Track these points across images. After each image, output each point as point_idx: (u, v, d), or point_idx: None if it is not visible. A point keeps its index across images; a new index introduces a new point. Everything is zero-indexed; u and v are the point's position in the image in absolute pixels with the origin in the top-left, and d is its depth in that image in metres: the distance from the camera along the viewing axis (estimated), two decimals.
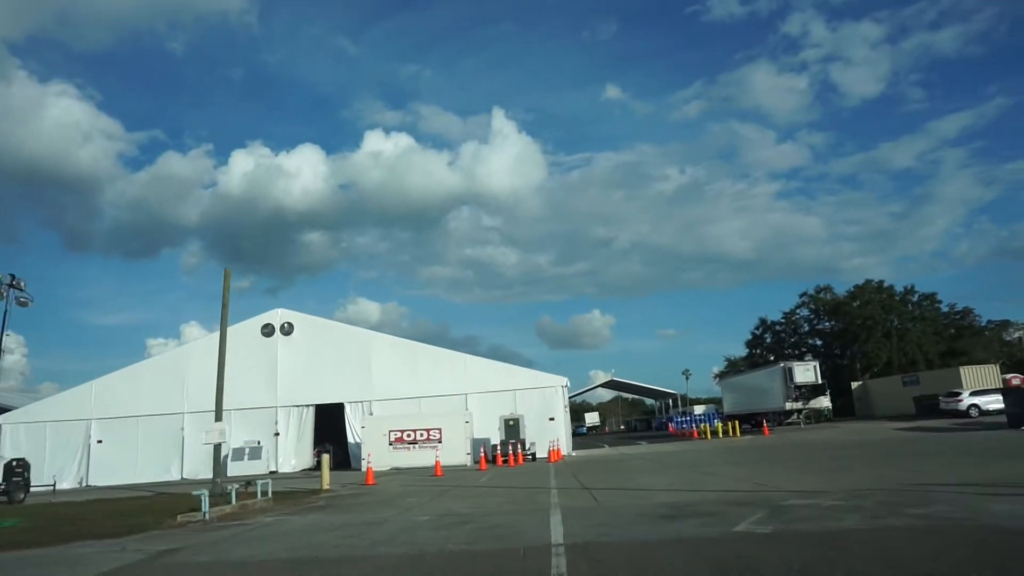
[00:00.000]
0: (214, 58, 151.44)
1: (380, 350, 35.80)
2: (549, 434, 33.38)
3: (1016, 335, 63.08)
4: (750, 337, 74.19)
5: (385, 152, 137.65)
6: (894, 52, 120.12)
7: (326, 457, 18.81)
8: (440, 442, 30.33)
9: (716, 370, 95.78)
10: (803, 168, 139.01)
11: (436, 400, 34.44)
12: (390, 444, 30.48)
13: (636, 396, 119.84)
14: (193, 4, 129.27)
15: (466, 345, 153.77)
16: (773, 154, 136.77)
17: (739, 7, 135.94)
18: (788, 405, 39.66)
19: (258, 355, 35.96)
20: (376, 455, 30.31)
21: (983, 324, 64.58)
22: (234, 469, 33.10)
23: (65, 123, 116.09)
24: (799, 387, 39.48)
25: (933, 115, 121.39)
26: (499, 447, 29.64)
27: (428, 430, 30.47)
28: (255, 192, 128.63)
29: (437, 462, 24.04)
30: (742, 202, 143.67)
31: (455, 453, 29.87)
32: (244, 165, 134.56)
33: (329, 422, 36.53)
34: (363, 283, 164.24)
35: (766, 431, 38.11)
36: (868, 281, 65.17)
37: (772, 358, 65.87)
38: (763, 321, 72.41)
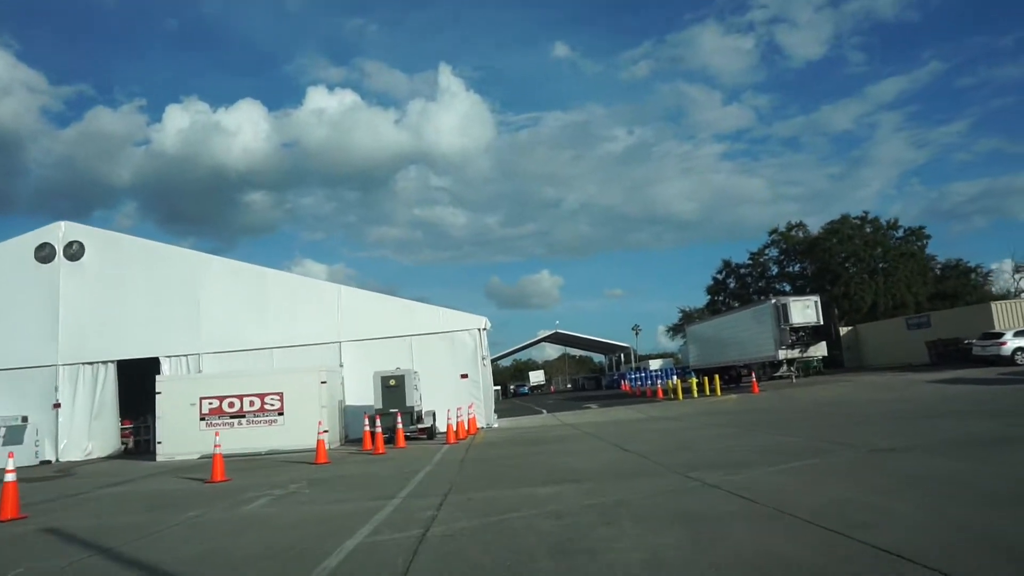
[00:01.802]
0: (146, 7, 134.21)
1: (215, 281, 24.13)
2: (461, 398, 22.79)
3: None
4: (711, 282, 64.72)
5: (329, 109, 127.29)
6: (836, 15, 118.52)
7: None
8: (281, 413, 19.20)
9: (665, 327, 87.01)
10: (748, 130, 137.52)
11: (298, 352, 23.23)
12: (202, 418, 19.16)
13: (584, 353, 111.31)
14: None
15: None
16: (719, 115, 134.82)
17: None
18: (782, 354, 29.69)
19: (31, 290, 23.82)
20: (181, 435, 19.17)
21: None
22: None
23: None
24: (796, 330, 29.51)
25: (871, 79, 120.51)
26: (370, 422, 18.68)
27: (262, 396, 19.21)
28: (193, 150, 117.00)
29: (216, 457, 12.81)
30: (688, 163, 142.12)
31: (304, 429, 18.78)
32: (180, 121, 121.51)
33: (146, 386, 24.87)
34: (309, 245, 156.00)
35: (755, 387, 28.18)
36: (846, 216, 55.98)
37: (736, 304, 56.61)
38: (727, 264, 62.84)
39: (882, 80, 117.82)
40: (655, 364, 63.15)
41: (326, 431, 19.22)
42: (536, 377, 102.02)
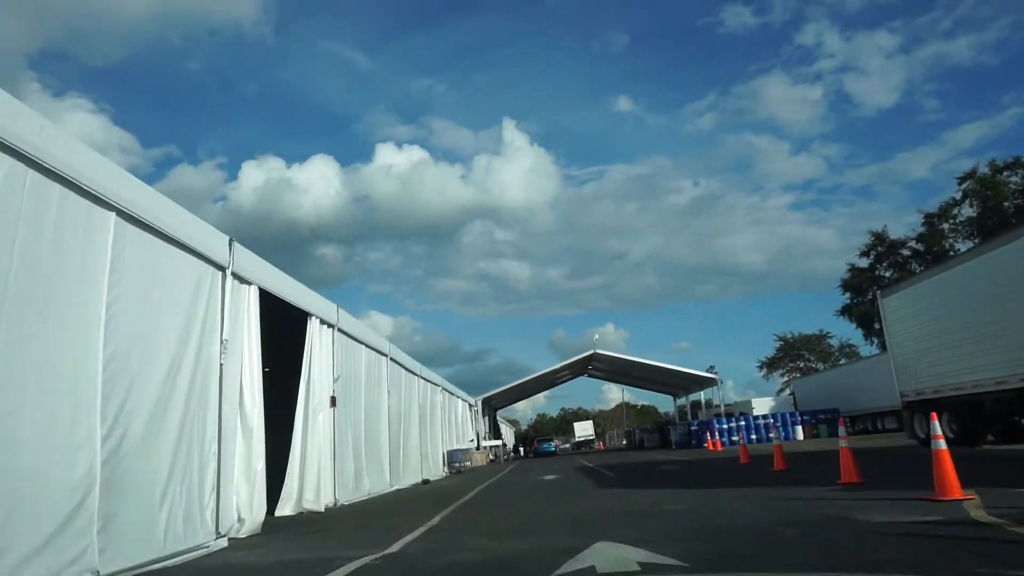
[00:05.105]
0: (228, 73, 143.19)
1: None
2: None
3: None
4: (847, 271, 39.16)
5: (398, 165, 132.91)
6: (909, 62, 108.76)
7: None
8: None
9: (758, 361, 61.00)
10: (817, 179, 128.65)
11: None
12: None
13: (650, 402, 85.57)
14: (207, 17, 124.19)
15: (478, 358, 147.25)
16: (787, 166, 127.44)
17: (752, 18, 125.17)
18: None
19: None
20: None
21: None
22: None
23: (80, 137, 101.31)
24: None
25: (949, 125, 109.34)
26: None
27: None
28: (267, 205, 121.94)
29: None
30: (756, 214, 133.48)
31: None
32: (255, 178, 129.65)
33: None
34: (376, 297, 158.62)
35: None
36: None
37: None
38: (878, 237, 37.42)
39: (960, 126, 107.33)
40: (761, 406, 37.30)
41: None
42: (583, 430, 76.38)
